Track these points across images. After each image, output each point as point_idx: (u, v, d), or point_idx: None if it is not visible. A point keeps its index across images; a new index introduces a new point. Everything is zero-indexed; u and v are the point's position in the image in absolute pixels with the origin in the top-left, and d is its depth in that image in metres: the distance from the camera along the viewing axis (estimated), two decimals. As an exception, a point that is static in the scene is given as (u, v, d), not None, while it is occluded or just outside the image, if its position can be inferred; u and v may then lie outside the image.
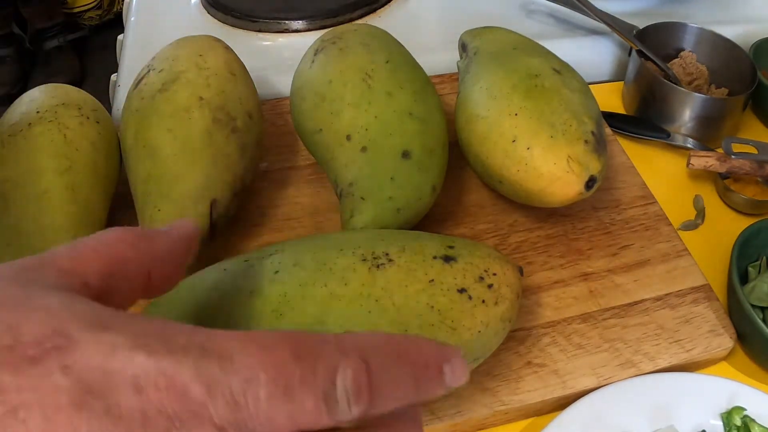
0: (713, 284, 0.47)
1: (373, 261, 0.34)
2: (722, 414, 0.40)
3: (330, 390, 0.20)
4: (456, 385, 0.24)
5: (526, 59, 0.47)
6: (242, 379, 0.18)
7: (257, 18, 0.69)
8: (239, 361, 0.19)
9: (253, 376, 0.18)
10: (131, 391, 0.18)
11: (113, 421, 0.17)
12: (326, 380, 0.19)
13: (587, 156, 0.43)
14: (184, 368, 0.18)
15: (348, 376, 0.20)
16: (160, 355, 0.18)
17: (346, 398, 0.20)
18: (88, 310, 0.19)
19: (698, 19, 0.65)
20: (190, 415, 0.18)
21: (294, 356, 0.19)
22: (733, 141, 0.53)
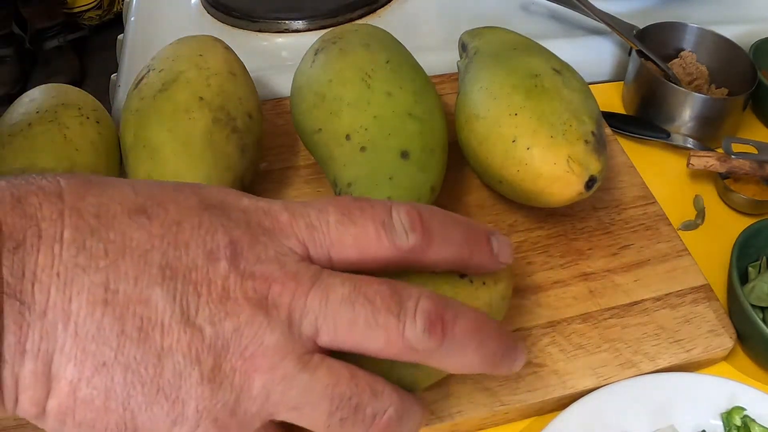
0: (713, 284, 0.47)
1: None
2: (722, 414, 0.40)
3: (387, 220, 0.26)
4: (503, 259, 0.29)
5: (526, 59, 0.47)
6: (316, 210, 0.26)
7: (257, 18, 0.69)
8: (314, 202, 0.26)
9: (324, 208, 0.26)
10: (239, 211, 0.25)
11: (226, 218, 0.25)
12: (383, 212, 0.26)
13: (587, 156, 0.43)
14: (276, 205, 0.26)
15: (402, 211, 0.26)
16: (259, 199, 0.26)
17: (402, 227, 0.26)
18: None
19: (698, 19, 0.65)
20: (280, 231, 0.25)
21: (354, 200, 0.26)
22: (733, 141, 0.53)
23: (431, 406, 0.40)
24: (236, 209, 0.25)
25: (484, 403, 0.40)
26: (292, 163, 0.55)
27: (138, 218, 0.23)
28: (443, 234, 0.27)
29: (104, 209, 0.23)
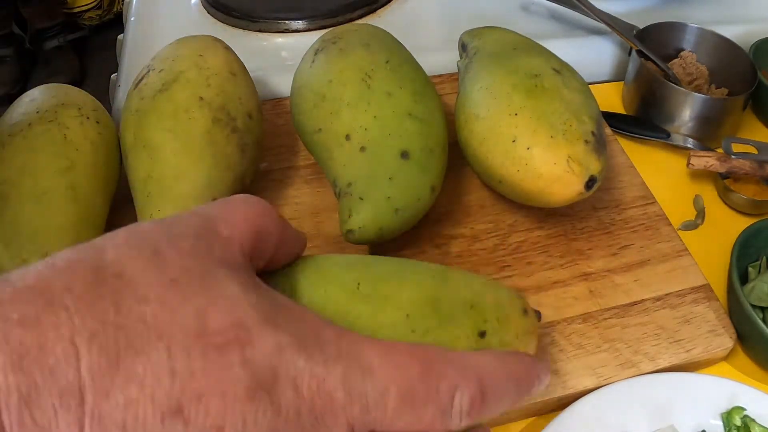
0: (713, 284, 0.47)
1: None
2: (722, 414, 0.40)
3: (447, 407, 0.23)
4: (542, 387, 0.29)
5: (526, 59, 0.47)
6: (377, 391, 0.22)
7: (257, 18, 0.69)
8: (378, 374, 0.22)
9: (386, 389, 0.22)
10: (291, 390, 0.21)
11: (275, 413, 0.20)
12: (446, 399, 0.23)
13: (587, 156, 0.43)
14: (333, 375, 0.21)
15: (465, 397, 0.24)
16: (316, 360, 0.21)
17: (459, 414, 0.24)
18: (260, 301, 0.22)
19: (698, 19, 0.65)
20: (331, 413, 0.21)
21: (421, 374, 0.23)
22: (733, 141, 0.53)
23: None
24: (287, 388, 0.21)
25: (484, 403, 0.40)
26: (292, 163, 0.55)
27: (173, 424, 0.19)
28: (499, 402, 0.26)
29: (132, 415, 0.18)
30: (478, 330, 0.32)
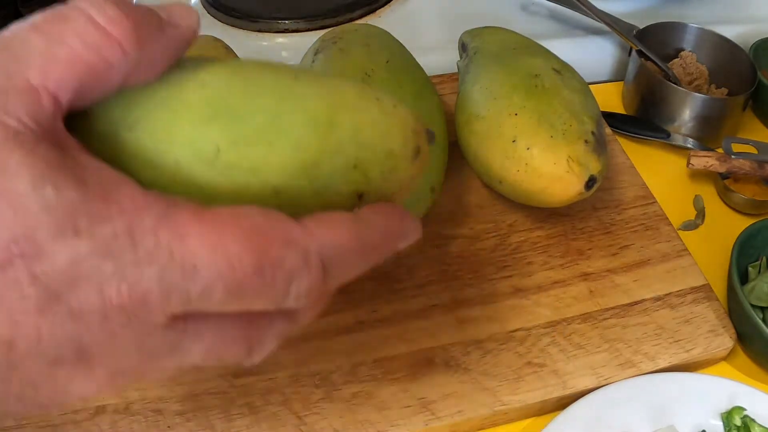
0: (713, 284, 0.47)
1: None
2: (722, 414, 0.40)
3: (280, 297, 0.21)
4: (406, 241, 0.26)
5: (526, 59, 0.47)
6: (200, 288, 0.19)
7: (257, 18, 0.69)
8: (202, 272, 0.19)
9: (211, 287, 0.19)
10: (95, 295, 0.18)
11: (76, 321, 0.18)
12: (280, 289, 0.21)
13: (587, 156, 0.43)
14: (147, 277, 0.19)
15: (303, 285, 0.21)
16: (125, 262, 0.18)
17: (296, 299, 0.21)
18: (58, 196, 0.18)
19: (698, 19, 0.65)
20: (146, 310, 0.19)
21: (255, 267, 0.20)
22: (733, 141, 0.53)
23: (429, 406, 0.40)
24: (89, 294, 0.18)
25: (484, 403, 0.40)
26: (292, 163, 0.55)
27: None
28: (342, 277, 0.23)
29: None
30: (357, 193, 0.26)
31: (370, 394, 0.40)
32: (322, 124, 0.25)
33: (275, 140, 0.24)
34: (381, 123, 0.27)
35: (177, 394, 0.40)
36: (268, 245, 0.20)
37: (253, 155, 0.24)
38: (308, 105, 0.25)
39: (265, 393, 0.40)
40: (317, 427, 0.39)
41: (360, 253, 0.23)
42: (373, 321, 0.44)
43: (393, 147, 0.27)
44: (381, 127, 0.27)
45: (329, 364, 0.42)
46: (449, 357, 0.42)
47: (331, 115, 0.25)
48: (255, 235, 0.20)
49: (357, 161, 0.26)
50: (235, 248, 0.20)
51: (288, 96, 0.25)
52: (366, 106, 0.27)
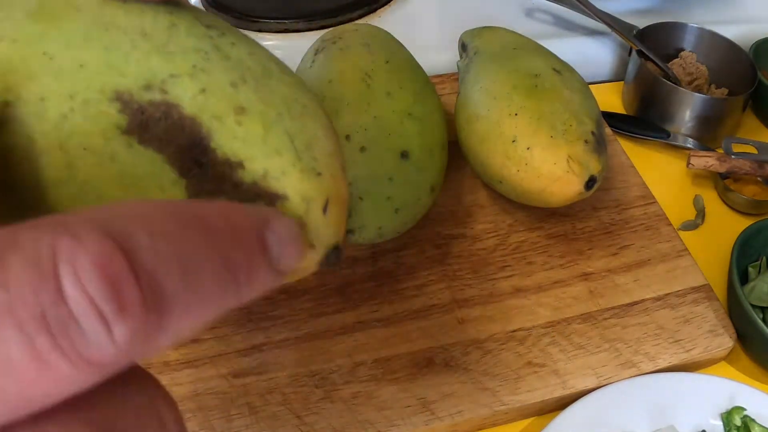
0: (713, 284, 0.47)
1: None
2: (722, 414, 0.40)
3: (49, 303, 0.11)
4: (290, 260, 0.16)
5: (526, 59, 0.47)
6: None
7: (257, 18, 0.69)
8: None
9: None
10: None
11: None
12: (39, 285, 0.11)
13: (587, 156, 0.43)
14: None
15: (82, 264, 0.12)
16: None
17: (92, 311, 0.12)
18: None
19: (698, 19, 0.65)
20: None
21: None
22: (733, 141, 0.53)
23: (429, 406, 0.40)
24: None
25: (484, 403, 0.40)
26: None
27: None
28: (187, 276, 0.13)
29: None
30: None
31: (370, 394, 0.40)
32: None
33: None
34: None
35: (177, 394, 0.40)
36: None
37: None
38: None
39: (265, 393, 0.40)
40: (317, 427, 0.39)
41: (191, 231, 0.14)
42: (373, 321, 0.44)
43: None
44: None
45: (329, 364, 0.42)
46: (449, 357, 0.42)
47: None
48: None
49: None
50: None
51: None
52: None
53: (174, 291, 0.13)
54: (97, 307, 0.12)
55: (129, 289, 0.12)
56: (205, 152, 0.18)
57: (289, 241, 0.16)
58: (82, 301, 0.12)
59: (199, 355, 0.41)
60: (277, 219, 0.16)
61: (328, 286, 0.45)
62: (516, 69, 0.46)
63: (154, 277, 0.13)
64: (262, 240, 0.15)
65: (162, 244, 0.13)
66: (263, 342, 0.42)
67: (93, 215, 0.13)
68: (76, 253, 0.12)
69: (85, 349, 0.12)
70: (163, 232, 0.13)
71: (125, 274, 0.12)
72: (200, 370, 0.41)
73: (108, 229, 0.12)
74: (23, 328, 0.11)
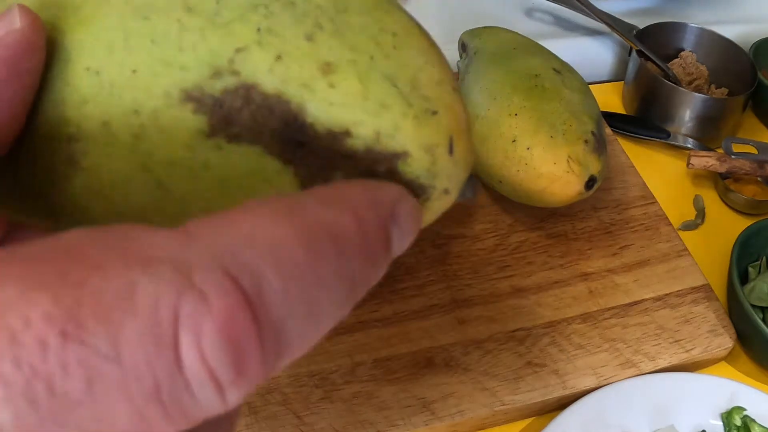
0: (713, 284, 0.47)
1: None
2: (722, 414, 0.40)
3: (165, 377, 0.11)
4: (405, 247, 0.15)
5: (526, 59, 0.47)
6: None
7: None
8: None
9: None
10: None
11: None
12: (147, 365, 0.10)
13: (587, 156, 0.43)
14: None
15: (206, 331, 0.11)
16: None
17: (209, 381, 0.11)
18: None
19: (698, 19, 0.65)
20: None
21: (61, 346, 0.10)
22: (733, 141, 0.53)
23: (429, 406, 0.40)
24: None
25: (484, 403, 0.40)
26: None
27: None
28: (310, 306, 0.12)
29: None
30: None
31: (370, 394, 0.40)
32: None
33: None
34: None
35: (177, 394, 0.40)
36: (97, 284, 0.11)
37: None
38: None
39: (265, 393, 0.40)
40: (317, 427, 0.39)
41: (319, 252, 0.12)
42: (373, 321, 0.44)
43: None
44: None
45: (329, 364, 0.42)
46: (449, 357, 0.42)
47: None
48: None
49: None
50: (41, 296, 0.10)
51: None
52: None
53: (295, 331, 0.12)
54: (215, 375, 0.11)
55: (250, 350, 0.11)
56: (303, 130, 0.16)
57: (412, 232, 0.14)
58: (200, 371, 0.11)
59: (199, 355, 0.41)
60: (402, 206, 0.14)
61: (328, 286, 0.45)
62: (516, 69, 0.46)
63: (279, 326, 0.11)
64: (389, 237, 0.14)
65: (293, 284, 0.12)
66: (263, 342, 0.42)
67: (216, 248, 0.11)
68: (201, 317, 0.11)
69: (194, 412, 0.11)
70: (294, 267, 0.12)
71: (250, 336, 0.11)
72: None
73: (235, 272, 0.11)
74: (135, 401, 0.11)
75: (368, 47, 0.16)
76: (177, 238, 0.12)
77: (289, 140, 0.16)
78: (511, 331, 0.44)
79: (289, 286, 0.12)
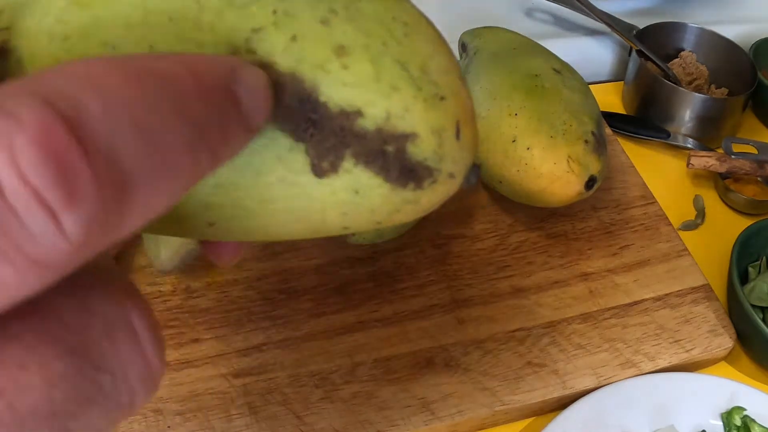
0: (713, 284, 0.47)
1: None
2: (722, 414, 0.40)
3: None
4: (262, 113, 0.15)
5: (526, 59, 0.47)
6: None
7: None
8: None
9: None
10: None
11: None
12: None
13: (587, 156, 0.43)
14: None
15: (20, 145, 0.10)
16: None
17: (35, 202, 0.10)
18: None
19: (698, 19, 0.65)
20: None
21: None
22: (733, 141, 0.53)
23: (429, 406, 0.40)
24: None
25: (484, 403, 0.40)
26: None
27: None
28: (147, 139, 0.11)
29: None
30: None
31: (370, 394, 0.40)
32: None
33: None
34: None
35: (177, 394, 0.40)
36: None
37: None
38: None
39: (265, 393, 0.40)
40: (317, 427, 0.39)
41: (147, 87, 0.11)
42: (373, 321, 0.44)
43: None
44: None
45: (329, 364, 0.42)
46: (449, 357, 0.42)
47: None
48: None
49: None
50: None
51: None
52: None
53: (135, 163, 0.11)
54: (41, 195, 0.10)
55: (78, 168, 0.10)
56: (315, 108, 0.16)
57: (259, 91, 0.14)
58: (22, 190, 0.10)
59: (199, 355, 0.41)
60: (243, 68, 0.14)
61: (328, 286, 0.45)
62: (516, 69, 0.46)
63: (108, 149, 0.10)
64: (232, 91, 0.13)
65: (116, 107, 0.11)
66: (263, 342, 0.42)
67: (32, 82, 0.10)
68: (12, 133, 0.10)
69: (32, 247, 0.10)
70: (116, 91, 0.11)
71: (72, 150, 0.10)
72: (200, 370, 0.41)
73: (49, 97, 0.10)
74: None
75: (381, 33, 0.17)
76: (9, 83, 0.11)
77: (302, 118, 0.16)
78: (511, 331, 0.44)
79: (112, 109, 0.11)
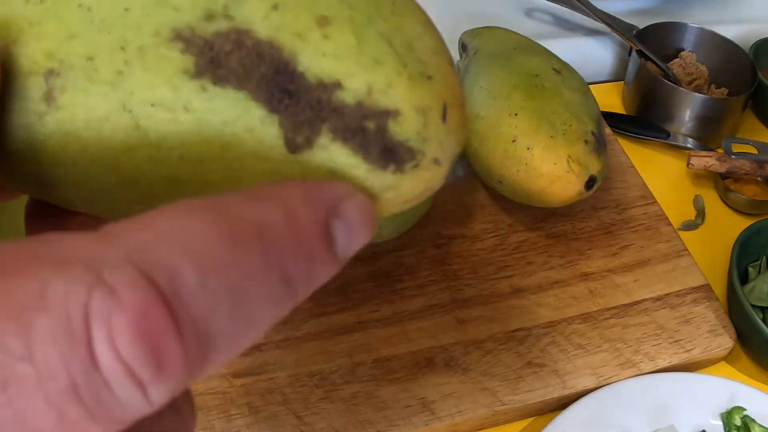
0: (713, 284, 0.47)
1: None
2: (722, 414, 0.40)
3: (81, 376, 0.10)
4: (357, 247, 0.14)
5: (526, 59, 0.47)
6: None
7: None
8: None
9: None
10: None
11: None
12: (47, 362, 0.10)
13: (587, 156, 0.43)
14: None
15: (118, 325, 0.10)
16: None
17: (128, 379, 0.11)
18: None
19: (698, 19, 0.65)
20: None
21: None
22: (733, 141, 0.53)
23: (429, 406, 0.40)
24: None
25: (484, 403, 0.40)
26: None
27: None
28: (236, 305, 0.12)
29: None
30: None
31: (370, 394, 0.40)
32: None
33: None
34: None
35: (177, 394, 0.40)
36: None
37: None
38: None
39: (265, 393, 0.40)
40: (317, 427, 0.39)
41: (248, 250, 0.12)
42: (373, 321, 0.44)
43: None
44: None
45: (329, 364, 0.42)
46: (449, 357, 0.42)
47: None
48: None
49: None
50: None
51: None
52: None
53: (223, 326, 0.11)
54: (134, 373, 0.11)
55: (169, 346, 0.11)
56: (292, 78, 0.15)
57: (360, 227, 0.14)
58: (117, 368, 0.11)
59: (199, 355, 0.41)
60: (348, 199, 0.14)
61: (328, 286, 0.45)
62: (516, 69, 0.46)
63: (201, 319, 0.11)
64: (328, 233, 0.13)
65: (213, 279, 0.11)
66: (263, 342, 0.42)
67: (130, 246, 0.11)
68: (112, 312, 0.11)
69: (120, 412, 0.11)
70: (213, 261, 0.11)
71: (166, 330, 0.11)
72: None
73: (148, 268, 0.11)
74: (52, 401, 0.10)
75: (367, 8, 0.16)
76: (92, 239, 0.11)
77: (278, 88, 0.16)
78: (511, 331, 0.44)
79: (208, 280, 0.11)
